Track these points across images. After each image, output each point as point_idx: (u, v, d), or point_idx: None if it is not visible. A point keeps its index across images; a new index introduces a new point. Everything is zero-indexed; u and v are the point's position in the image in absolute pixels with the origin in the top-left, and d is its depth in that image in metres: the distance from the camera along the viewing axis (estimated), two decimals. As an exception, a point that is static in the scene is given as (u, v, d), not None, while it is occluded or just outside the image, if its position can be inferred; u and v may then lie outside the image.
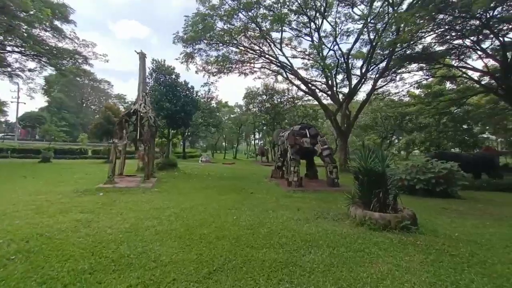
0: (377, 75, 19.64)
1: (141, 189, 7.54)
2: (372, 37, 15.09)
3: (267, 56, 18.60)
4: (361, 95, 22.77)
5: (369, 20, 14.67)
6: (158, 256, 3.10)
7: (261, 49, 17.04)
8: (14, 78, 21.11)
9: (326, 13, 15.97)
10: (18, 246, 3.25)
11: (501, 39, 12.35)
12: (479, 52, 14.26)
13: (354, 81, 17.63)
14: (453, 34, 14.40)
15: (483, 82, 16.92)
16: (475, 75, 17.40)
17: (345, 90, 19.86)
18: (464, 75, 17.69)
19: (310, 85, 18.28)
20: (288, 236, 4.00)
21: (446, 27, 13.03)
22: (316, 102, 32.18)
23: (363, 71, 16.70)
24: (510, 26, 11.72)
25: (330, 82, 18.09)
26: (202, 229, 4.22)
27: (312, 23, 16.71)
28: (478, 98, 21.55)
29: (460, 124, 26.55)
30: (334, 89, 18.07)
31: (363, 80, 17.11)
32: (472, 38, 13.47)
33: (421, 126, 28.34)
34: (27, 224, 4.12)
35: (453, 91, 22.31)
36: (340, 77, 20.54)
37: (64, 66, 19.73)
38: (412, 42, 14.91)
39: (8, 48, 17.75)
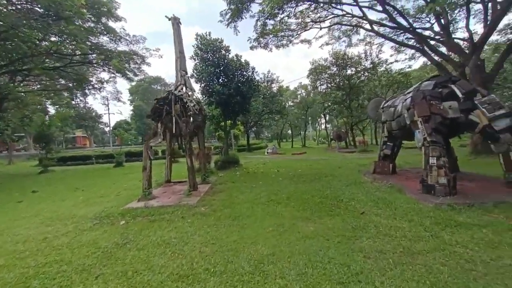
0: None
1: (181, 210, 4.92)
2: None
3: (338, 7, 13.81)
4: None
5: None
6: None
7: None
8: (91, 89, 22.92)
9: None
10: None
11: None
12: None
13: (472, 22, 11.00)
14: None
15: None
16: None
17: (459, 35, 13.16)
18: None
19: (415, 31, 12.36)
20: None
21: None
22: (400, 66, 24.44)
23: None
24: None
25: (443, 21, 11.96)
26: None
27: None
28: None
29: None
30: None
31: (507, 9, 10.33)
32: None
33: None
34: None
35: None
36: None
37: (127, 69, 19.91)
38: None
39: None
